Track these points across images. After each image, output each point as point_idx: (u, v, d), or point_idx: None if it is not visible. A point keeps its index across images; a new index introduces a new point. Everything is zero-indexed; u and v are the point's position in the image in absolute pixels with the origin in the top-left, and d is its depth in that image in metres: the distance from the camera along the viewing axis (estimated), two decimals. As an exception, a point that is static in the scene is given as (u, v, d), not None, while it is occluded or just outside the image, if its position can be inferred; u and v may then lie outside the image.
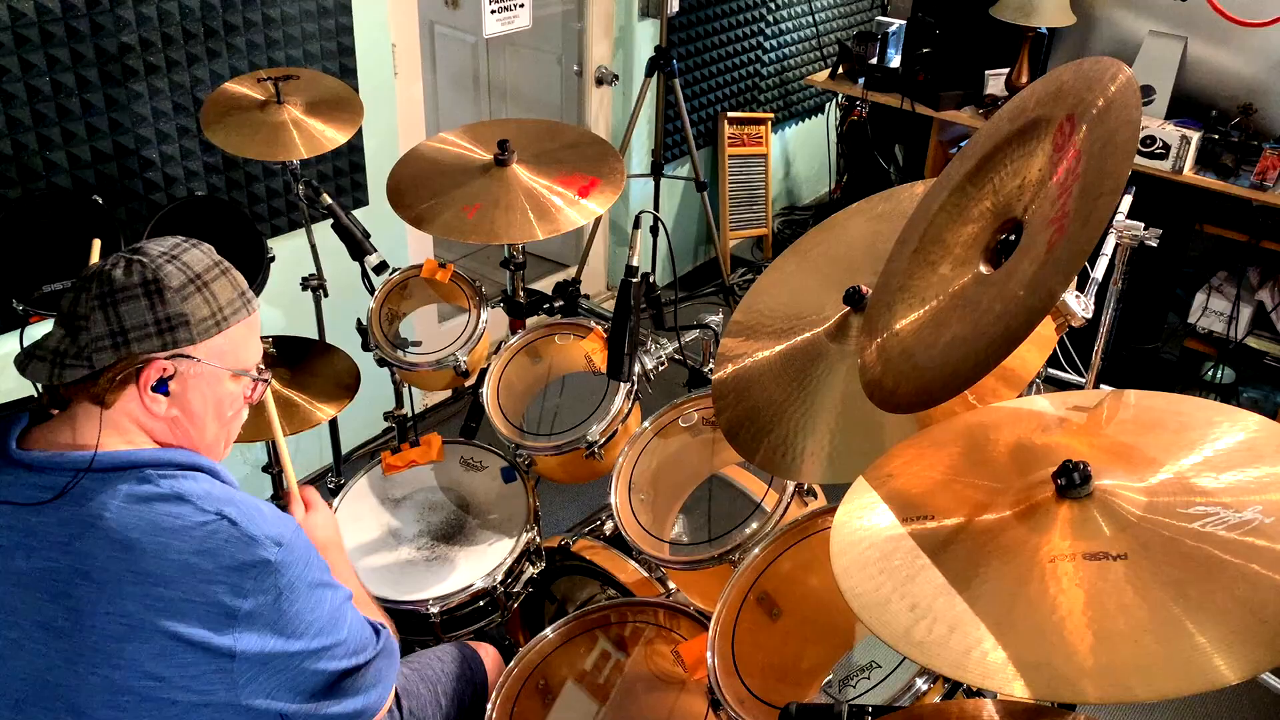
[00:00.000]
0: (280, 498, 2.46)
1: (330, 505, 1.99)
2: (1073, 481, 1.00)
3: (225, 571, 1.15)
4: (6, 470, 1.19)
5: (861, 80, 4.12)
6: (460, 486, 2.07)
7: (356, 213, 2.92)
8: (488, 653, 1.81)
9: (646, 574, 1.93)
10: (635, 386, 2.03)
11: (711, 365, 1.94)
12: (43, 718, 1.16)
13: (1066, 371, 3.26)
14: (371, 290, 2.35)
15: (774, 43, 4.50)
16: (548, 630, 1.73)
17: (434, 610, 1.83)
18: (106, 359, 1.17)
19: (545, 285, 2.45)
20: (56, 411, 1.23)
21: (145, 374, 1.19)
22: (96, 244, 1.81)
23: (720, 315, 2.10)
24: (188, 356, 1.20)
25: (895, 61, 4.13)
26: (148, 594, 1.13)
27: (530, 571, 1.97)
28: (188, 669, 1.14)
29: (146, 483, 1.18)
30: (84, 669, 1.14)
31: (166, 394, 1.21)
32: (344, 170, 2.96)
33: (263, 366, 1.33)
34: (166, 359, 1.19)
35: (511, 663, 1.68)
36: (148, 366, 1.19)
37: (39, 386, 1.23)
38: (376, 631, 1.33)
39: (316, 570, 1.24)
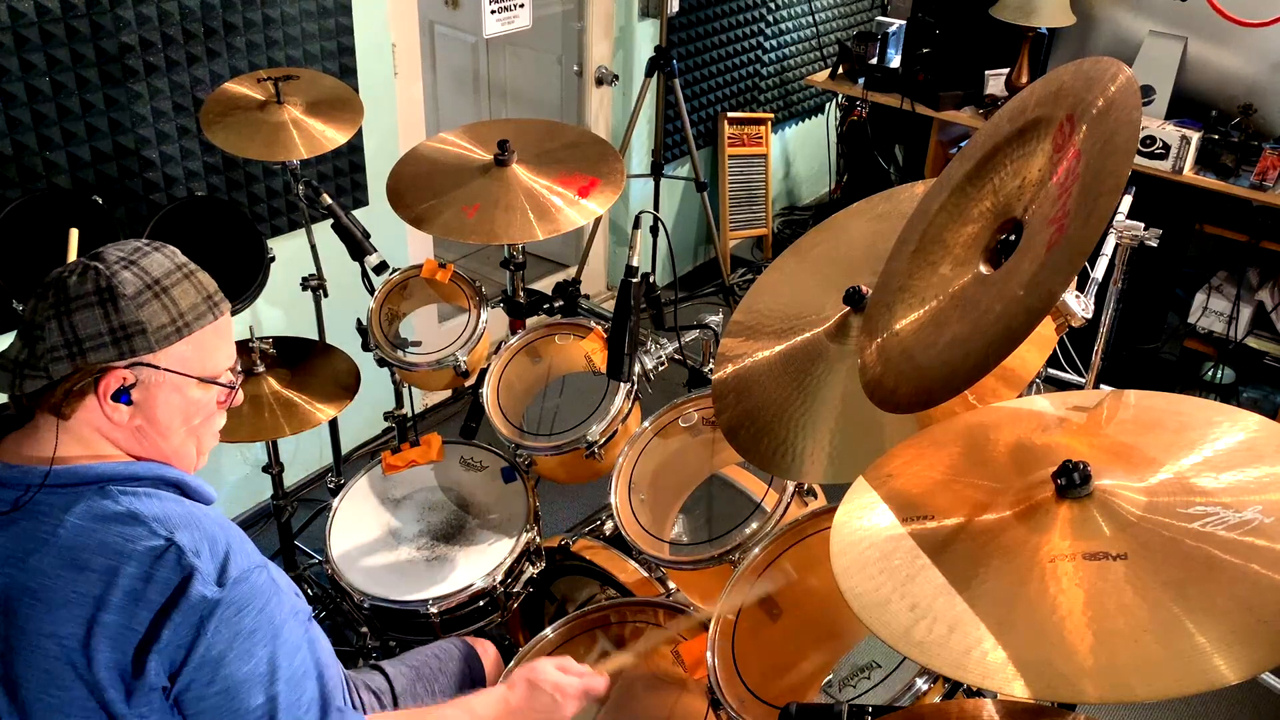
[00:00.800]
0: (280, 498, 2.46)
1: (330, 506, 2.00)
2: (1073, 481, 1.00)
3: (162, 598, 1.10)
4: None
5: (861, 80, 4.12)
6: (460, 486, 2.07)
7: (356, 213, 2.92)
8: (486, 649, 1.81)
9: (646, 574, 1.93)
10: (635, 386, 2.03)
11: (711, 365, 1.94)
12: None
13: (1066, 371, 3.26)
14: (371, 290, 2.35)
15: (774, 43, 4.50)
16: (548, 630, 1.73)
17: (434, 610, 1.83)
18: (63, 369, 1.13)
19: (545, 285, 2.45)
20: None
21: (104, 383, 1.15)
22: (74, 234, 1.77)
23: (720, 315, 2.10)
24: (148, 365, 1.16)
25: (895, 61, 4.13)
26: (86, 616, 1.10)
27: (530, 571, 1.97)
28: (121, 692, 1.11)
29: (106, 498, 1.15)
30: (35, 689, 1.12)
31: (129, 403, 1.17)
32: (344, 170, 2.96)
33: (236, 370, 1.28)
34: (125, 368, 1.15)
35: (511, 663, 1.68)
36: (105, 376, 1.15)
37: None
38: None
39: (258, 624, 1.15)
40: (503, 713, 1.44)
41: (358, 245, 2.30)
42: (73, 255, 1.74)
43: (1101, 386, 2.44)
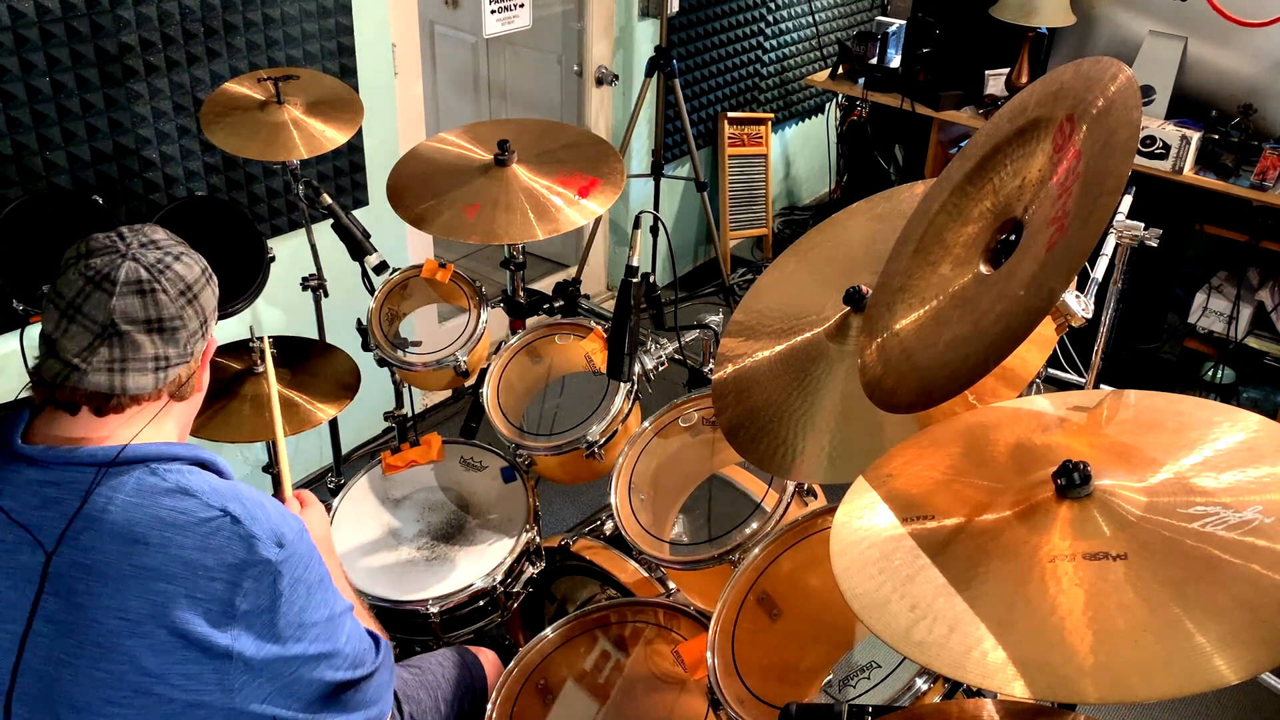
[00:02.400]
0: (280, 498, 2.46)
1: (330, 505, 2.00)
2: (1073, 481, 1.00)
3: (226, 569, 1.14)
4: (11, 467, 1.18)
5: (861, 80, 4.12)
6: (460, 486, 2.07)
7: (356, 213, 2.92)
8: (487, 657, 1.82)
9: (646, 574, 1.93)
10: (635, 386, 2.03)
11: (711, 365, 1.94)
12: (41, 713, 1.16)
13: (1066, 371, 3.26)
14: (371, 290, 2.35)
15: (774, 43, 4.50)
16: (548, 630, 1.73)
17: (434, 610, 1.83)
18: (199, 346, 1.24)
19: (545, 285, 2.45)
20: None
21: (206, 354, 1.26)
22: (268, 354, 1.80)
23: (720, 315, 2.10)
24: (207, 340, 1.27)
25: (895, 61, 4.13)
26: (150, 589, 1.13)
27: (530, 571, 1.97)
28: (185, 665, 1.14)
29: (153, 475, 1.18)
30: (84, 664, 1.14)
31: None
32: (344, 170, 2.96)
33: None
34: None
35: (511, 663, 1.68)
36: (209, 346, 1.27)
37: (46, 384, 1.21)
38: (376, 644, 1.33)
39: (317, 575, 1.23)
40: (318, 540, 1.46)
41: (358, 245, 2.30)
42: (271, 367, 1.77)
43: (1101, 386, 2.44)
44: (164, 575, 1.13)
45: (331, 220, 2.30)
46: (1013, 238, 1.22)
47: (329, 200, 2.30)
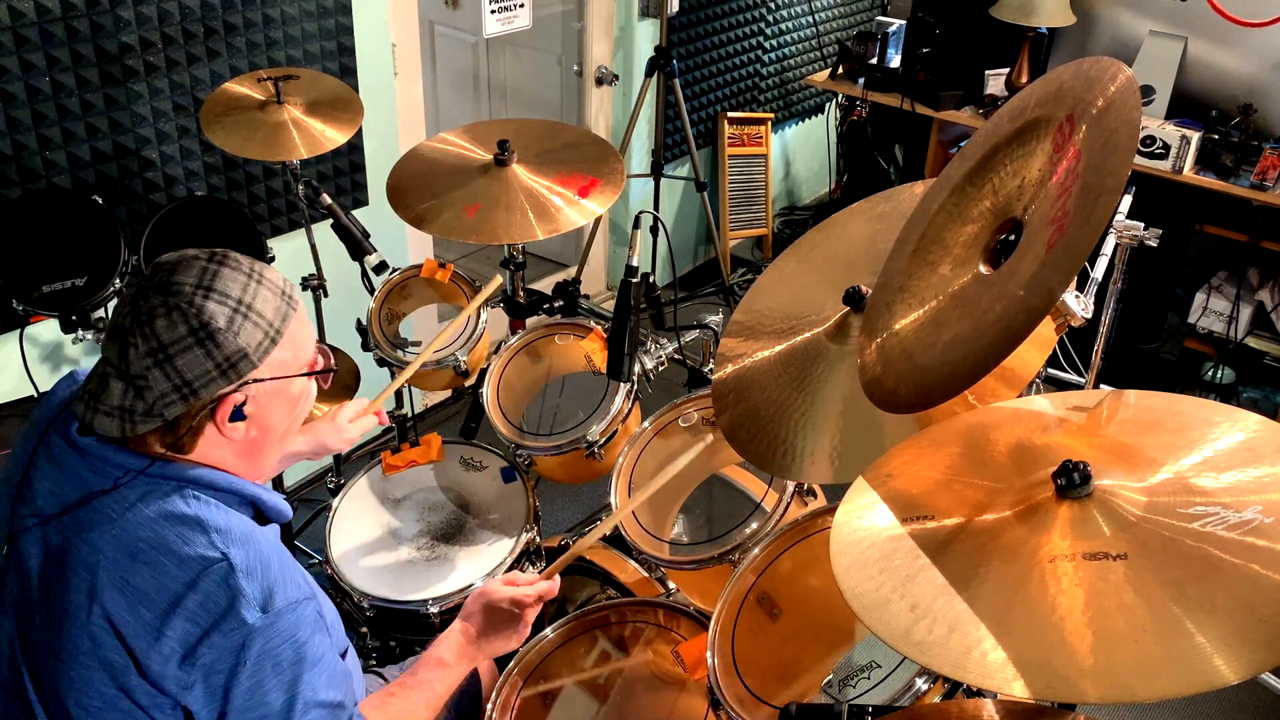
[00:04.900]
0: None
1: (330, 506, 2.00)
2: (1073, 481, 1.00)
3: (204, 614, 1.12)
4: (63, 453, 1.20)
5: (861, 80, 4.11)
6: (460, 486, 2.07)
7: (356, 213, 2.92)
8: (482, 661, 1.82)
9: (646, 574, 1.93)
10: (635, 386, 2.03)
11: (711, 365, 1.94)
12: (14, 702, 1.18)
13: (1066, 371, 3.26)
14: (371, 290, 2.35)
15: (774, 43, 4.50)
16: (548, 630, 1.73)
17: (434, 610, 1.83)
18: (177, 409, 1.15)
19: (545, 285, 2.45)
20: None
21: (220, 412, 1.17)
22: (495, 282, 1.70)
23: (720, 315, 2.10)
24: (255, 380, 1.18)
25: (895, 61, 4.13)
26: (130, 608, 1.12)
27: (530, 572, 1.97)
28: (138, 696, 1.13)
29: (180, 497, 1.17)
30: (64, 661, 1.15)
31: (244, 419, 1.20)
32: (344, 170, 2.96)
33: (322, 348, 1.29)
34: (235, 391, 1.17)
35: (511, 663, 1.68)
36: (220, 405, 1.17)
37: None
38: None
39: (294, 654, 1.15)
40: (466, 645, 1.44)
41: (358, 245, 2.30)
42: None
43: (1101, 386, 2.44)
44: (145, 599, 1.12)
45: (331, 220, 2.30)
46: (1012, 238, 1.22)
47: (329, 200, 2.30)
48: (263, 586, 1.14)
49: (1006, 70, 3.83)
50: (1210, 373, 3.69)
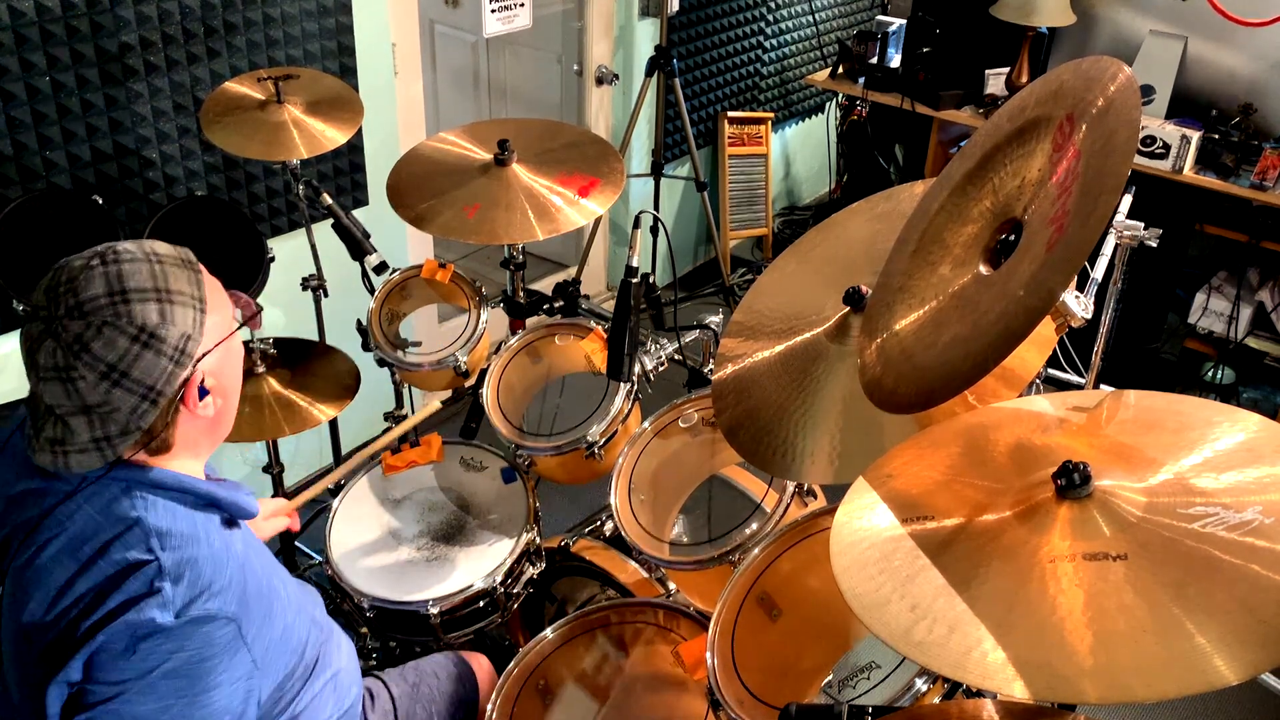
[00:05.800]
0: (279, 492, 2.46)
1: (330, 506, 2.00)
2: (1073, 482, 1.00)
3: (119, 609, 1.10)
4: (28, 480, 1.21)
5: (861, 80, 4.11)
6: (460, 487, 2.07)
7: (356, 213, 2.92)
8: (480, 664, 1.82)
9: (646, 574, 1.93)
10: (635, 387, 2.03)
11: (711, 365, 1.94)
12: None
13: (1066, 371, 3.26)
14: (371, 290, 2.35)
15: (774, 42, 4.50)
16: (547, 631, 1.73)
17: (434, 611, 1.83)
18: (152, 415, 1.15)
19: (545, 285, 2.45)
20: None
21: (187, 399, 1.18)
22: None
23: (720, 315, 2.10)
24: (205, 354, 1.18)
25: (895, 61, 4.13)
26: (57, 600, 1.12)
27: (530, 572, 1.97)
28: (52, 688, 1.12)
29: (126, 498, 1.17)
30: (19, 659, 1.16)
31: (208, 394, 1.20)
32: (344, 170, 2.96)
33: (232, 293, 1.28)
34: (192, 373, 1.17)
35: (511, 663, 1.68)
36: (186, 392, 1.17)
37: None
38: None
39: (196, 677, 1.11)
40: None
41: (358, 245, 2.30)
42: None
43: (1101, 386, 2.44)
44: (70, 590, 1.12)
45: (331, 220, 2.30)
46: (1012, 238, 1.22)
47: (329, 200, 2.30)
48: (186, 593, 1.12)
49: (1006, 70, 3.83)
50: (1210, 373, 3.69)
